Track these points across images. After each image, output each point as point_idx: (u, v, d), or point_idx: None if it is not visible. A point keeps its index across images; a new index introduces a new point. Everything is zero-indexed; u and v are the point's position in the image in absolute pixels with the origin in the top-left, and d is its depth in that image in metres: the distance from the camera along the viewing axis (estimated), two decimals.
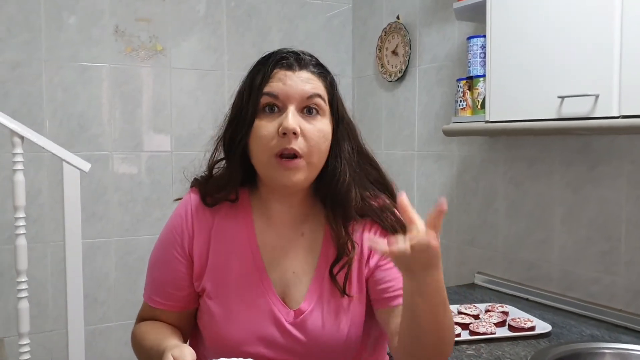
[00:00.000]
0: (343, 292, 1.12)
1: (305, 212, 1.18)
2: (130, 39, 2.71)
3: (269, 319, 1.11)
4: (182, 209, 1.20)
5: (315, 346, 1.11)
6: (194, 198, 1.20)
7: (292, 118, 1.06)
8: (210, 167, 1.19)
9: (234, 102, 1.16)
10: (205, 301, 1.15)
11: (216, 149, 1.18)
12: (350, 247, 1.13)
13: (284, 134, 1.05)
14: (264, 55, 1.17)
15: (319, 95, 1.10)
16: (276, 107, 1.09)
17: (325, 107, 1.12)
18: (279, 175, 1.08)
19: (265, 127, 1.08)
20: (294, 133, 1.05)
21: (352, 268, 1.14)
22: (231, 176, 1.15)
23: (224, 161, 1.18)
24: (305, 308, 1.12)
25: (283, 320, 1.11)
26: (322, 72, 1.14)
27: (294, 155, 1.06)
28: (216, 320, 1.13)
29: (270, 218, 1.18)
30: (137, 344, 1.18)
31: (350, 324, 1.13)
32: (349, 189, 1.12)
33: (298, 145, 1.06)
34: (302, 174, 1.08)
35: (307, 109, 1.09)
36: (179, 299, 1.18)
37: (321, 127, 1.10)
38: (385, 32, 2.87)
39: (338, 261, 1.12)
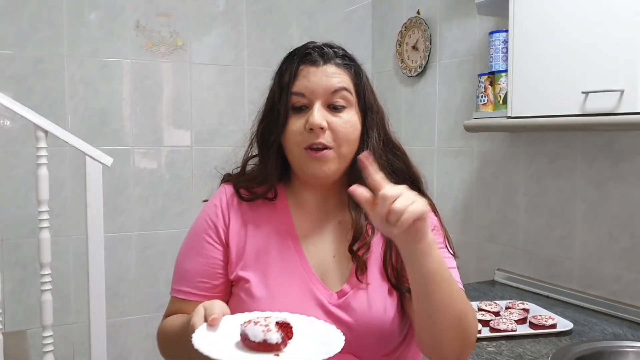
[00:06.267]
0: (362, 270, 1.11)
1: (339, 202, 1.19)
2: (150, 34, 2.73)
3: (311, 301, 1.10)
4: (216, 199, 1.22)
5: (363, 329, 1.09)
6: (227, 189, 1.22)
7: (317, 114, 1.09)
8: (244, 163, 1.22)
9: (266, 100, 1.19)
10: (242, 287, 1.13)
11: (250, 145, 1.21)
12: (370, 230, 1.14)
13: (311, 129, 1.09)
14: (290, 51, 1.18)
15: (344, 89, 1.12)
16: (304, 104, 1.12)
17: (352, 98, 1.13)
18: (311, 167, 1.11)
19: (294, 123, 1.11)
20: (321, 128, 1.08)
21: (390, 255, 1.13)
22: (268, 173, 1.17)
23: (256, 157, 1.21)
24: (348, 289, 1.12)
25: (325, 302, 1.10)
26: (348, 63, 1.16)
27: (324, 147, 1.09)
28: (258, 305, 1.09)
29: (306, 209, 1.20)
30: (164, 332, 1.18)
31: (396, 307, 1.12)
32: None
33: (325, 139, 1.09)
34: (332, 164, 1.11)
35: (334, 104, 1.11)
36: (212, 289, 1.16)
37: (348, 119, 1.12)
38: (405, 27, 2.86)
39: (355, 241, 1.12)
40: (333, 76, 1.12)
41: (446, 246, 1.19)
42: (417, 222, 0.90)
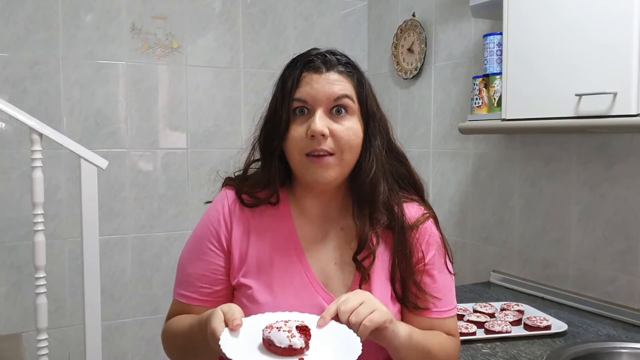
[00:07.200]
0: (365, 280, 1.13)
1: (342, 208, 1.20)
2: (146, 36, 2.73)
3: (314, 309, 1.09)
4: (219, 203, 1.21)
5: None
6: (230, 194, 1.21)
7: (319, 121, 1.09)
8: (246, 167, 1.22)
9: (269, 105, 1.18)
10: (244, 292, 1.14)
11: (253, 149, 1.21)
12: (374, 239, 1.15)
13: (313, 136, 1.08)
14: (293, 57, 1.18)
15: (347, 96, 1.12)
16: (306, 110, 1.12)
17: (354, 106, 1.13)
18: (312, 173, 1.11)
19: (296, 130, 1.11)
20: (323, 135, 1.08)
21: (397, 267, 1.16)
22: (270, 179, 1.17)
23: (259, 161, 1.21)
24: None
25: None
26: (350, 71, 1.16)
27: (325, 153, 1.09)
28: (261, 311, 1.08)
29: (308, 214, 1.20)
30: (171, 333, 1.18)
31: (399, 315, 1.15)
32: (376, 182, 1.14)
33: (328, 145, 1.09)
34: (333, 171, 1.11)
35: (336, 110, 1.11)
36: (213, 294, 1.17)
37: (350, 126, 1.12)
38: (400, 29, 2.87)
39: (359, 252, 1.13)
40: (335, 83, 1.11)
41: (446, 265, 1.20)
42: (383, 330, 1.01)
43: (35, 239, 2.07)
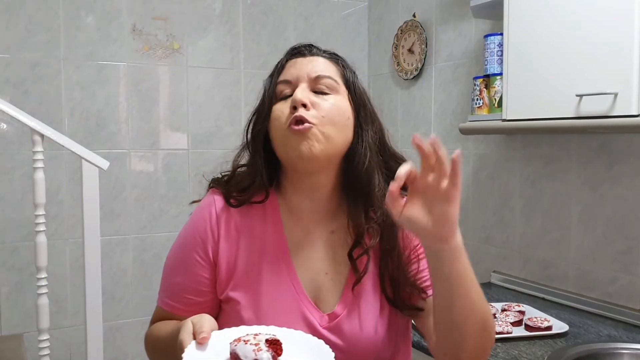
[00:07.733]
0: (359, 279, 1.08)
1: (333, 209, 1.14)
2: (147, 37, 2.73)
3: (301, 324, 1.05)
4: (206, 210, 1.14)
5: (352, 351, 1.06)
6: (217, 199, 1.14)
7: (301, 92, 1.06)
8: (234, 169, 1.17)
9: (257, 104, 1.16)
10: (232, 307, 1.10)
11: (242, 150, 1.16)
12: (371, 234, 1.09)
13: (294, 107, 1.04)
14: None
15: (330, 77, 1.09)
16: (290, 92, 1.09)
17: (340, 87, 1.10)
18: (294, 144, 1.04)
19: (279, 109, 1.08)
20: (304, 105, 1.04)
21: (387, 266, 1.10)
22: (257, 173, 1.11)
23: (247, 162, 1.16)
24: (339, 312, 1.08)
25: (317, 325, 1.07)
26: (336, 58, 1.15)
27: (306, 121, 1.04)
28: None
29: (298, 215, 1.14)
30: (153, 338, 1.14)
31: (387, 325, 1.10)
32: (371, 173, 1.09)
33: (308, 115, 1.04)
34: (316, 142, 1.04)
35: (319, 90, 1.08)
36: (198, 305, 1.11)
37: (334, 102, 1.08)
38: (401, 30, 2.87)
39: (355, 247, 1.08)
40: (319, 64, 1.10)
41: None
42: (452, 209, 0.87)
43: (37, 240, 2.07)
